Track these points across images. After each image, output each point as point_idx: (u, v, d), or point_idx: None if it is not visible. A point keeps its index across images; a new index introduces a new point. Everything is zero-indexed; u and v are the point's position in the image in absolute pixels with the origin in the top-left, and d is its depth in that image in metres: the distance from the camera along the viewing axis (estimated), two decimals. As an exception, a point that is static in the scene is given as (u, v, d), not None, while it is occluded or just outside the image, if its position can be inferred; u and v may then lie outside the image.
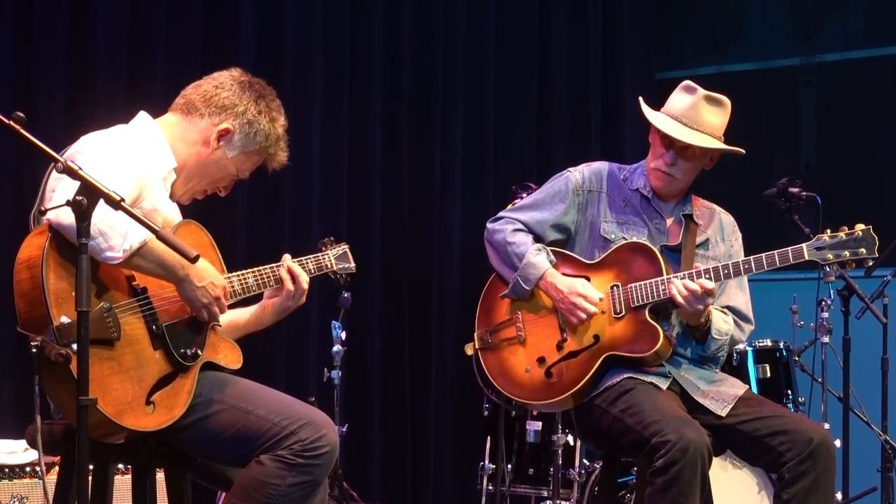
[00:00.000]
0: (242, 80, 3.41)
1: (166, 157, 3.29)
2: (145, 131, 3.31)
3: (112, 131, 3.25)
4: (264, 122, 3.37)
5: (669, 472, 3.58)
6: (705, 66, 7.54)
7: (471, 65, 6.82)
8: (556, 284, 3.95)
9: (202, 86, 3.40)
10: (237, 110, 3.34)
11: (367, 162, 6.32)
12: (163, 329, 3.09)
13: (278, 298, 3.48)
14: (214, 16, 5.72)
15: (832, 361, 5.43)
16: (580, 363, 3.91)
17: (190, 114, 3.36)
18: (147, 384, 3.02)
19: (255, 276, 3.38)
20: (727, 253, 4.10)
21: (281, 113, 3.43)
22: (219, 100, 3.35)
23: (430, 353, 6.53)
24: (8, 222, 5.00)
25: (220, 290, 3.16)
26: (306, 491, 3.10)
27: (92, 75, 5.25)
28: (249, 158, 3.40)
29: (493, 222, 4.11)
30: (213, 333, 3.24)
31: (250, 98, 3.37)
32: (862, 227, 3.79)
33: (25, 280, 2.92)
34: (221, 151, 3.35)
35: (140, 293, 3.08)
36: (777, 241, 3.89)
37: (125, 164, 3.10)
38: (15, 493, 4.10)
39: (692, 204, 4.10)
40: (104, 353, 2.93)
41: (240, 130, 3.34)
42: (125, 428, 2.95)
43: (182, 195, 3.39)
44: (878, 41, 7.16)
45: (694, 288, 3.78)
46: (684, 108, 3.96)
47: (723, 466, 4.88)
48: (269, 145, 3.39)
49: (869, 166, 7.00)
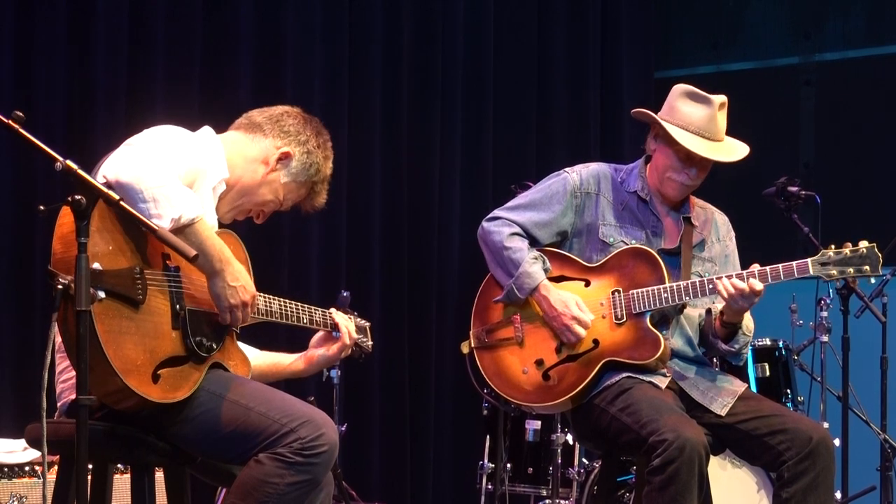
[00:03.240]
0: (305, 116, 3.51)
1: (221, 167, 3.34)
2: (208, 140, 3.36)
3: (177, 127, 3.28)
4: (320, 157, 3.46)
5: (667, 471, 3.58)
6: (704, 65, 7.54)
7: (470, 64, 6.82)
8: (549, 299, 3.93)
9: (267, 111, 3.48)
10: (300, 138, 3.43)
11: (366, 162, 6.32)
12: (185, 312, 3.10)
13: (325, 349, 3.59)
14: (214, 13, 5.72)
15: (831, 360, 5.44)
16: (579, 367, 3.91)
17: (253, 132, 3.43)
18: (158, 357, 3.03)
19: (281, 305, 3.42)
20: (723, 253, 4.11)
21: (331, 155, 3.52)
22: (284, 124, 3.44)
23: (430, 352, 6.53)
24: (8, 223, 5.01)
25: (248, 297, 3.17)
26: (305, 490, 3.09)
27: (92, 77, 5.24)
28: (298, 189, 3.47)
29: (488, 222, 4.08)
30: (231, 339, 3.26)
31: (312, 131, 3.47)
32: (866, 245, 3.82)
33: (67, 223, 2.93)
34: (277, 174, 3.41)
35: (173, 271, 3.10)
36: (776, 240, 3.91)
37: (184, 150, 3.17)
38: (14, 493, 4.10)
39: (689, 205, 4.10)
40: (126, 311, 2.96)
41: (299, 158, 3.42)
42: (127, 387, 2.94)
43: (227, 212, 3.42)
44: (877, 40, 7.16)
45: (742, 287, 3.78)
46: (703, 122, 3.93)
47: (722, 465, 4.88)
48: (317, 181, 3.48)
49: (868, 165, 7.00)
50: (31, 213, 3.17)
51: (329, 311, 3.57)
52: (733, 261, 4.11)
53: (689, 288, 3.87)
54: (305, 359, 3.63)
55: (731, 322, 3.91)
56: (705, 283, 3.86)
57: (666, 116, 3.97)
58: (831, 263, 3.81)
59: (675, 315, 3.97)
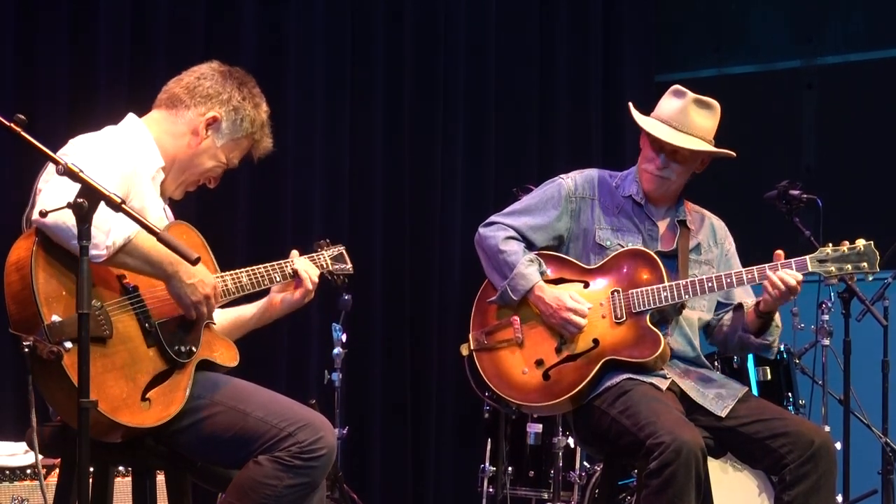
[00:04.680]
0: (223, 70, 3.45)
1: (153, 157, 3.31)
2: (132, 131, 3.33)
3: (100, 132, 3.27)
4: (249, 108, 3.41)
5: (663, 474, 3.59)
6: (706, 69, 7.54)
7: (472, 67, 6.82)
8: (544, 299, 3.94)
9: (183, 79, 3.44)
10: (222, 98, 3.38)
11: (368, 165, 6.32)
12: (156, 326, 3.09)
13: (289, 293, 3.52)
14: (216, 21, 5.73)
15: (833, 364, 5.43)
16: (579, 367, 3.91)
17: (175, 107, 3.39)
18: (142, 381, 3.02)
19: (250, 275, 3.39)
20: (723, 256, 4.12)
21: (263, 99, 3.47)
22: (203, 90, 3.39)
23: (431, 355, 6.53)
24: (8, 226, 5.00)
25: (209, 289, 3.15)
26: (303, 493, 3.09)
27: (94, 80, 5.25)
28: (238, 145, 3.43)
29: (485, 227, 4.10)
30: (208, 331, 3.24)
31: (233, 86, 3.41)
32: (863, 242, 3.86)
33: (15, 282, 2.93)
34: (210, 140, 3.37)
35: (132, 291, 3.09)
36: (777, 243, 3.90)
37: (111, 162, 3.12)
38: (15, 496, 4.10)
39: (684, 208, 4.11)
40: (97, 350, 2.93)
41: (226, 118, 3.38)
42: (121, 425, 2.94)
43: (175, 190, 3.41)
44: (878, 43, 7.16)
45: (796, 282, 3.80)
46: (674, 112, 3.98)
47: (723, 469, 4.88)
48: (254, 131, 3.43)
49: (869, 169, 7.00)
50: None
51: (290, 260, 3.51)
52: (735, 263, 4.12)
53: (688, 286, 3.89)
54: (269, 304, 3.55)
55: (768, 312, 3.92)
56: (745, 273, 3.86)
57: (647, 110, 4.02)
58: (829, 261, 3.84)
59: (674, 315, 3.99)
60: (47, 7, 5.15)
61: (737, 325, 4.03)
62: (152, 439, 3.12)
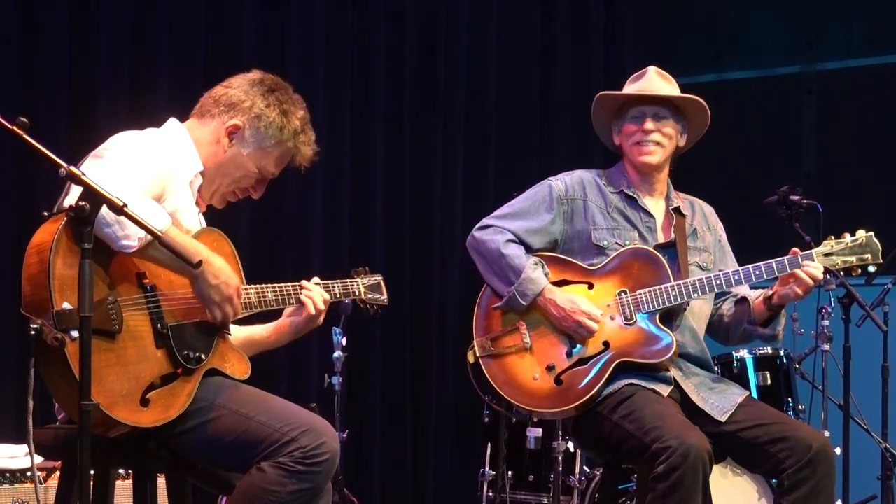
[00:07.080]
0: (253, 79, 3.42)
1: (193, 160, 3.31)
2: (174, 134, 3.34)
3: (141, 131, 3.28)
4: (274, 115, 3.36)
5: (671, 478, 3.58)
6: (706, 74, 7.55)
7: (473, 72, 6.83)
8: (556, 301, 3.92)
9: (215, 89, 3.43)
10: (244, 106, 3.36)
11: (368, 169, 6.33)
12: (168, 328, 3.09)
13: (296, 318, 3.50)
14: (217, 25, 5.73)
15: (832, 369, 5.44)
16: (591, 370, 3.89)
17: (203, 116, 3.39)
18: (144, 381, 3.02)
19: (275, 292, 3.38)
20: (716, 242, 4.13)
21: (298, 106, 3.42)
22: (227, 98, 3.37)
23: (431, 359, 6.53)
24: (10, 228, 5.01)
25: (233, 291, 3.14)
26: (306, 498, 3.09)
27: (95, 83, 5.25)
28: (268, 154, 3.39)
29: (480, 230, 4.06)
30: (223, 342, 3.23)
31: (258, 93, 3.37)
32: (864, 234, 3.90)
33: (34, 264, 2.94)
34: (235, 149, 3.35)
35: (149, 291, 3.08)
36: (777, 249, 3.91)
37: (149, 158, 3.14)
38: (16, 498, 4.10)
39: (674, 196, 4.12)
40: (103, 343, 2.94)
41: (249, 126, 3.35)
42: (116, 420, 2.94)
43: (211, 198, 3.41)
44: (878, 49, 7.17)
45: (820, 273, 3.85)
46: (639, 83, 4.08)
47: (723, 473, 4.88)
48: (286, 139, 3.38)
49: (870, 174, 7.00)
50: (34, 219, 3.18)
51: (301, 283, 3.48)
52: (728, 249, 4.15)
53: (696, 285, 3.89)
54: (276, 329, 3.55)
55: (780, 305, 3.93)
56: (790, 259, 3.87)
57: None
58: (835, 254, 3.89)
59: (680, 312, 3.97)
60: (48, 10, 5.16)
61: (741, 317, 4.03)
62: (154, 442, 3.12)
